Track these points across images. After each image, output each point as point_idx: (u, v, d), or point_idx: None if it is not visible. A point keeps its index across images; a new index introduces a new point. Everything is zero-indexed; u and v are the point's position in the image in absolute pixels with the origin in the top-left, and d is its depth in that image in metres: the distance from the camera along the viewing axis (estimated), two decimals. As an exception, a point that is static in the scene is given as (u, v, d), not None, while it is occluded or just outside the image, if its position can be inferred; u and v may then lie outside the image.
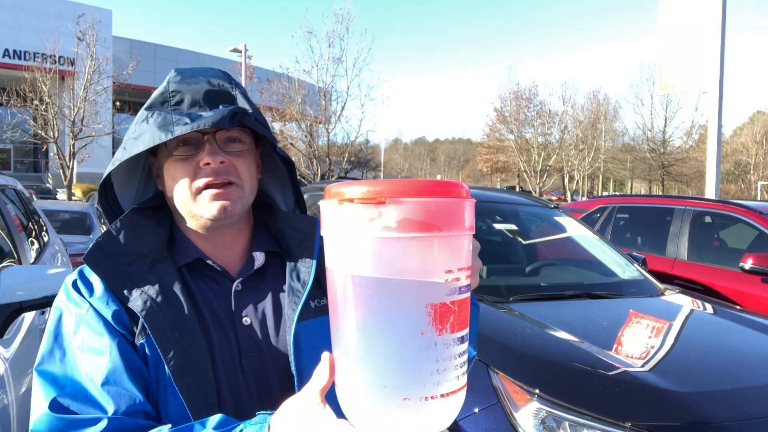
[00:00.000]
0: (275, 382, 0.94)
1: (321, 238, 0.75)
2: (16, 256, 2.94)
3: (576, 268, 3.47)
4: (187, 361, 0.86)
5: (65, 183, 20.23)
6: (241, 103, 0.94)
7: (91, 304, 0.88)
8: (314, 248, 0.99)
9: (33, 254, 3.48)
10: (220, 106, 0.90)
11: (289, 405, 0.70)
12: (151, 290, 0.89)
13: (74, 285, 0.91)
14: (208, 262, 0.96)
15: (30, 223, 3.82)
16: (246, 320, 0.95)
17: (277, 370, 0.94)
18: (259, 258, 0.99)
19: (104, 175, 0.97)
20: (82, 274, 0.93)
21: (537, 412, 1.75)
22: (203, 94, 0.92)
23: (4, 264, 2.62)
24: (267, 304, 0.97)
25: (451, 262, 0.63)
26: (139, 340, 0.88)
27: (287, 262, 0.98)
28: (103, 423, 0.79)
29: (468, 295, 0.66)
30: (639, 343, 2.28)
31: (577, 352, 2.04)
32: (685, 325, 2.66)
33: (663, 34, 8.94)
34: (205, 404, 0.87)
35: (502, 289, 2.77)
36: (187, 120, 0.87)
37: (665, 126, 40.56)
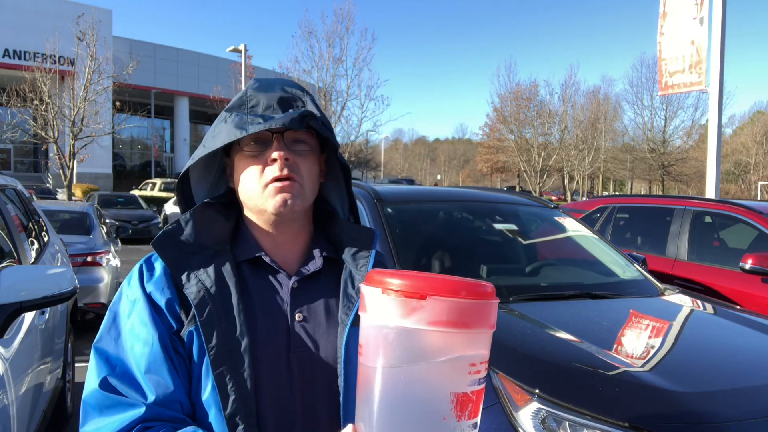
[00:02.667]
0: (320, 379, 0.98)
1: (376, 251, 0.99)
2: (16, 256, 2.93)
3: (576, 268, 3.47)
4: (228, 349, 0.91)
5: (65, 183, 20.23)
6: (310, 107, 1.01)
7: (144, 291, 0.96)
8: (370, 259, 1.05)
9: (33, 254, 3.48)
10: (290, 110, 0.98)
11: None
12: (207, 280, 0.95)
13: (140, 270, 0.99)
14: (266, 259, 1.01)
15: (30, 223, 3.82)
16: (299, 316, 1.00)
17: (323, 368, 0.98)
18: (318, 260, 1.04)
19: (183, 170, 1.05)
20: (148, 259, 1.00)
21: (537, 412, 1.75)
22: (277, 100, 1.00)
23: (4, 264, 2.61)
24: (320, 305, 1.02)
25: (476, 356, 0.72)
26: (188, 328, 0.94)
27: (344, 269, 1.04)
28: (142, 409, 0.87)
29: (484, 385, 0.73)
30: (639, 343, 2.28)
31: (577, 352, 2.04)
32: (685, 325, 2.66)
33: (663, 33, 8.94)
34: (239, 394, 0.90)
35: (502, 289, 2.76)
36: (260, 120, 0.96)
37: (665, 126, 40.54)
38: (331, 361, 0.98)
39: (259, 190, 0.98)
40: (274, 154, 0.96)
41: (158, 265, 0.98)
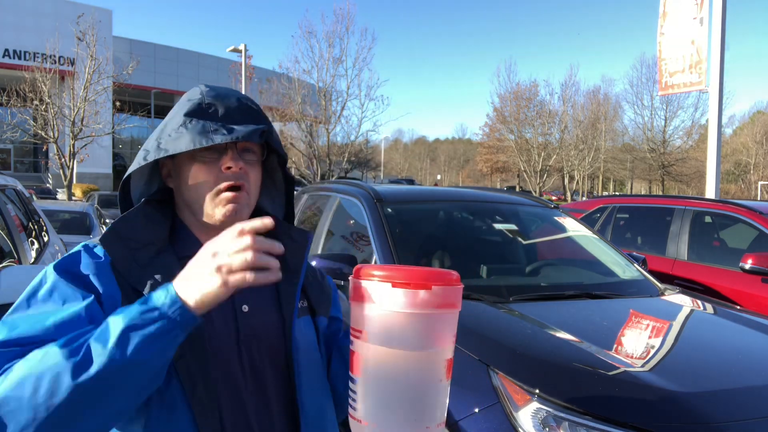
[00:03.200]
0: (268, 366, 1.05)
1: (309, 249, 1.15)
2: (16, 256, 2.94)
3: (576, 268, 3.47)
4: (187, 340, 0.88)
5: (65, 183, 20.23)
6: (264, 121, 1.08)
7: (82, 274, 0.96)
8: (305, 258, 1.15)
9: (33, 254, 3.48)
10: (250, 123, 1.04)
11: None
12: (156, 275, 0.98)
13: (81, 255, 0.99)
14: None
15: (30, 223, 3.82)
16: (245, 308, 1.05)
17: (270, 355, 1.06)
18: None
19: (133, 168, 1.06)
20: (90, 249, 1.01)
21: (537, 412, 1.75)
22: (234, 109, 1.05)
23: (4, 264, 2.62)
24: (264, 298, 1.08)
25: (455, 329, 0.94)
26: None
27: (282, 267, 0.99)
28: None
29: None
30: (639, 343, 2.28)
31: (577, 352, 2.04)
32: (685, 325, 2.66)
33: (663, 33, 8.94)
34: (202, 381, 0.95)
35: (502, 289, 2.76)
36: (224, 131, 1.00)
37: (665, 126, 40.54)
38: (276, 347, 1.06)
39: (209, 197, 1.02)
40: (230, 163, 1.01)
41: (102, 255, 0.99)
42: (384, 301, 0.85)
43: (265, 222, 0.83)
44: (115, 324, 0.81)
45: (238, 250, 0.81)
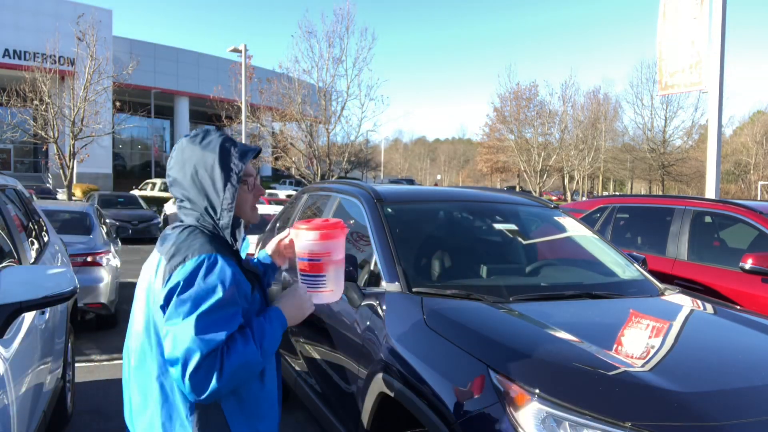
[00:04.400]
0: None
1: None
2: (16, 256, 2.93)
3: (576, 268, 3.47)
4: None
5: (65, 183, 20.23)
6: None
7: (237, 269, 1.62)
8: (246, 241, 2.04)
9: (33, 254, 3.48)
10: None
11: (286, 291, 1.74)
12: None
13: (219, 261, 1.55)
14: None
15: (30, 223, 3.82)
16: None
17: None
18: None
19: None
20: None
21: (537, 412, 1.75)
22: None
23: (4, 264, 2.61)
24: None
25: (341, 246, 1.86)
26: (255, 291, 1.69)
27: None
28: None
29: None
30: (639, 343, 2.28)
31: (577, 352, 2.04)
32: (685, 325, 2.66)
33: (663, 33, 8.94)
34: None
35: (502, 289, 2.76)
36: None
37: (665, 126, 40.56)
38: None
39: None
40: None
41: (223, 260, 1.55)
42: (304, 240, 1.79)
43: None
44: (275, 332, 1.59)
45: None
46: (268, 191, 29.85)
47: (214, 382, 1.40)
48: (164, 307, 1.47)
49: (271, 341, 1.54)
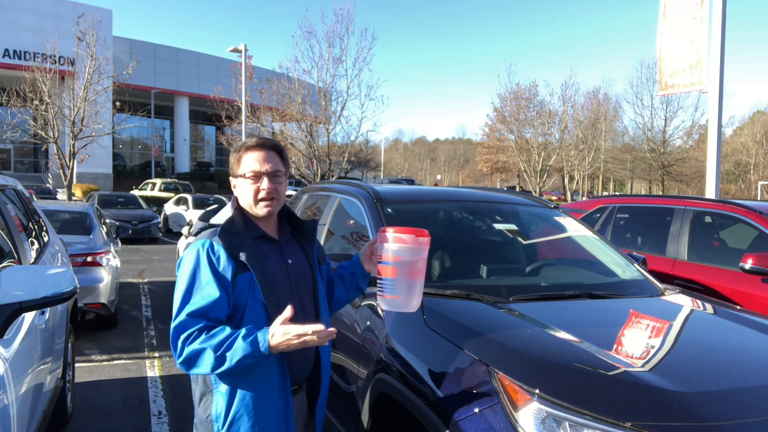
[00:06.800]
0: (305, 295, 1.96)
1: (317, 231, 2.13)
2: (16, 256, 2.93)
3: (576, 268, 3.47)
4: (269, 282, 1.81)
5: (65, 183, 20.23)
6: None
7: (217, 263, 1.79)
8: (315, 235, 2.09)
9: (33, 254, 3.48)
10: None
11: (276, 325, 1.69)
12: (248, 250, 1.81)
13: (205, 250, 1.78)
14: (266, 233, 1.92)
15: (30, 223, 3.81)
16: (290, 261, 1.94)
17: (306, 284, 1.97)
18: (288, 233, 2.01)
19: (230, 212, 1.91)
20: (212, 245, 1.79)
21: (537, 412, 1.75)
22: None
23: (4, 264, 2.61)
24: (297, 255, 1.99)
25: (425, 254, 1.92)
26: (239, 275, 1.77)
27: (302, 239, 2.04)
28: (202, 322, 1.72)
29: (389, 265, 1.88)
30: (639, 343, 2.28)
31: (577, 352, 2.04)
32: (685, 325, 2.66)
33: (663, 33, 8.94)
34: (276, 307, 1.75)
35: (502, 289, 2.76)
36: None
37: (665, 126, 40.54)
38: (309, 280, 1.98)
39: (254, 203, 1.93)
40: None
41: (219, 246, 1.79)
42: (395, 242, 1.86)
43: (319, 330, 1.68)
44: (237, 353, 1.66)
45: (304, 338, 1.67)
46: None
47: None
48: None
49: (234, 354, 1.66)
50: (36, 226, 3.96)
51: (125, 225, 16.69)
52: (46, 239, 4.13)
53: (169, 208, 20.77)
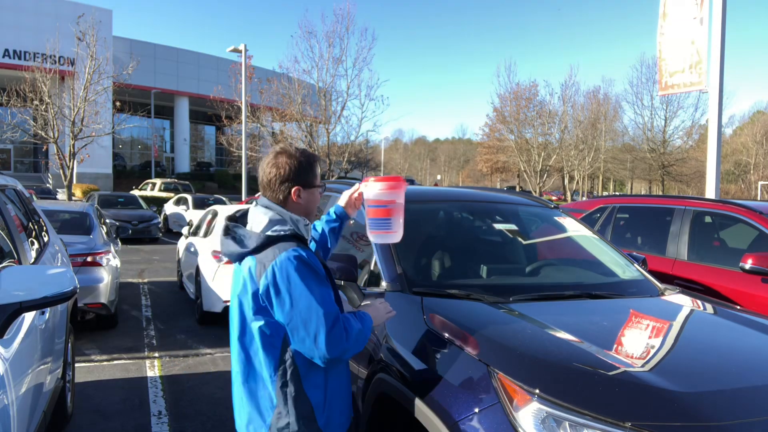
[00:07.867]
0: None
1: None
2: (16, 256, 2.93)
3: (576, 268, 3.47)
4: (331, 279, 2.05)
5: (65, 183, 20.23)
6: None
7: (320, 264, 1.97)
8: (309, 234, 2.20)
9: (33, 254, 3.48)
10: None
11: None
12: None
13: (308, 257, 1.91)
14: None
15: (30, 223, 3.82)
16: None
17: None
18: None
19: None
20: (304, 254, 1.89)
21: (537, 412, 1.75)
22: None
23: (4, 264, 2.61)
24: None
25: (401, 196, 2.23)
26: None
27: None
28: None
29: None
30: (639, 343, 2.28)
31: (577, 352, 2.04)
32: (685, 325, 2.66)
33: (663, 33, 8.94)
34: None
35: (503, 289, 2.77)
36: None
37: (665, 126, 40.55)
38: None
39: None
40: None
41: (308, 252, 1.93)
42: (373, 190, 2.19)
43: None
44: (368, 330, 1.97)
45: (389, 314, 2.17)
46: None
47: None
48: None
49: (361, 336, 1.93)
50: (36, 226, 3.96)
51: (125, 225, 16.70)
52: (46, 239, 4.13)
53: (169, 208, 20.78)
